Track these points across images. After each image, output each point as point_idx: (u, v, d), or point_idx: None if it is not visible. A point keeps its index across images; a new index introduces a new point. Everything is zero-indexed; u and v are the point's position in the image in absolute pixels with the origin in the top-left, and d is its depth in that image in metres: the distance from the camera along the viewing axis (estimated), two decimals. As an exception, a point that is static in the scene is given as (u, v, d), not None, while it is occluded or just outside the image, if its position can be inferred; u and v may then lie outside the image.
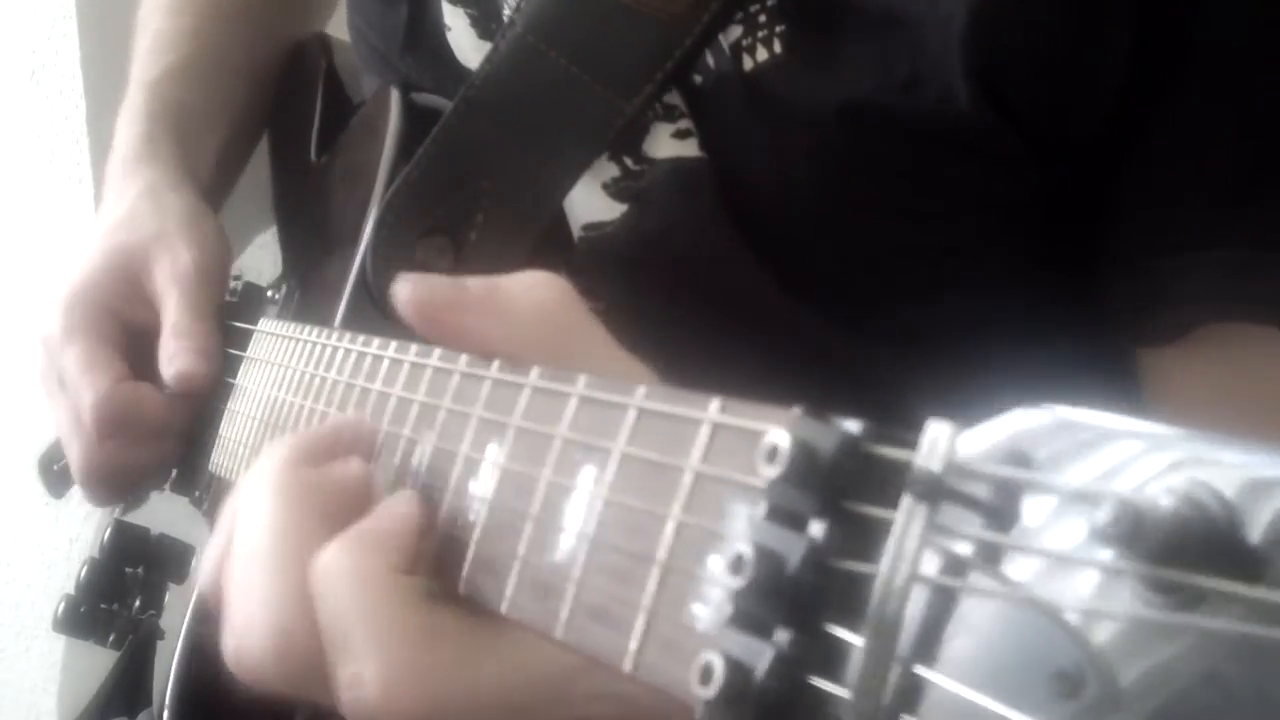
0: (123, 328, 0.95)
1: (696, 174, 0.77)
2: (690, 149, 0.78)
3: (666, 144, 0.78)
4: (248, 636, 0.50)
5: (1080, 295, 0.77)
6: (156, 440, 0.93)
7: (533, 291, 0.53)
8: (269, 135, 1.13)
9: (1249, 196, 0.68)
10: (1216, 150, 0.68)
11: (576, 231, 0.81)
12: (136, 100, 1.05)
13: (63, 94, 1.50)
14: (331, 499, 0.52)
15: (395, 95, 0.88)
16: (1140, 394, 0.75)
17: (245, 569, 0.51)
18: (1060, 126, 0.70)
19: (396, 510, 0.52)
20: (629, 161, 0.79)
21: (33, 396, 1.02)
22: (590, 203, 0.80)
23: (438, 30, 0.88)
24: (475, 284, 0.53)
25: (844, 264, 0.77)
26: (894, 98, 0.71)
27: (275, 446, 0.56)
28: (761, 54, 0.74)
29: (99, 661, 1.05)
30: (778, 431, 0.33)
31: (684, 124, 0.78)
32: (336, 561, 0.48)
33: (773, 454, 0.33)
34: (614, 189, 0.79)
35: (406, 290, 0.54)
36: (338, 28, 1.13)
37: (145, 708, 0.99)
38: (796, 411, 0.34)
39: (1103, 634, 0.27)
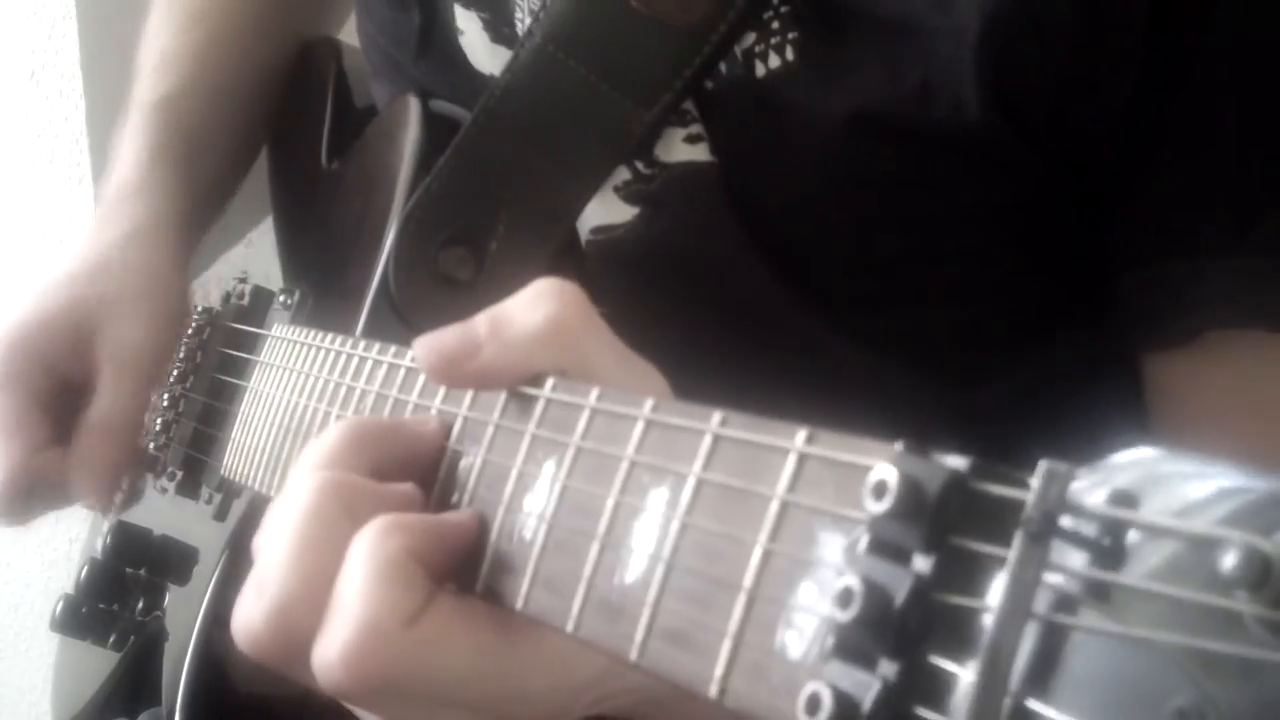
0: (59, 382, 0.96)
1: (707, 178, 0.78)
2: (701, 153, 0.78)
3: (678, 148, 0.79)
4: (253, 604, 0.51)
5: (1086, 301, 0.78)
6: (66, 498, 0.96)
7: (539, 306, 0.53)
8: (270, 136, 1.13)
9: (1263, 204, 0.69)
10: (1230, 158, 0.69)
11: (584, 234, 0.81)
12: (137, 123, 1.05)
13: (63, 94, 1.49)
14: (374, 498, 0.52)
15: (415, 104, 0.88)
16: (1139, 398, 0.76)
17: (269, 546, 0.52)
18: (1071, 137, 0.71)
19: (449, 516, 0.53)
20: (640, 165, 0.80)
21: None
22: (600, 206, 0.80)
23: (451, 35, 0.88)
24: (482, 321, 0.53)
25: (851, 269, 0.78)
26: (904, 107, 0.72)
27: (336, 435, 0.56)
28: (774, 60, 0.75)
29: (94, 661, 1.05)
30: (885, 467, 0.34)
31: (695, 129, 0.78)
32: (363, 537, 0.49)
33: (881, 490, 0.33)
34: (625, 192, 0.80)
35: (420, 355, 0.54)
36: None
37: (146, 708, 0.99)
38: (898, 446, 0.34)
39: (1221, 675, 0.28)
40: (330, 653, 0.47)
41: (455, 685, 0.49)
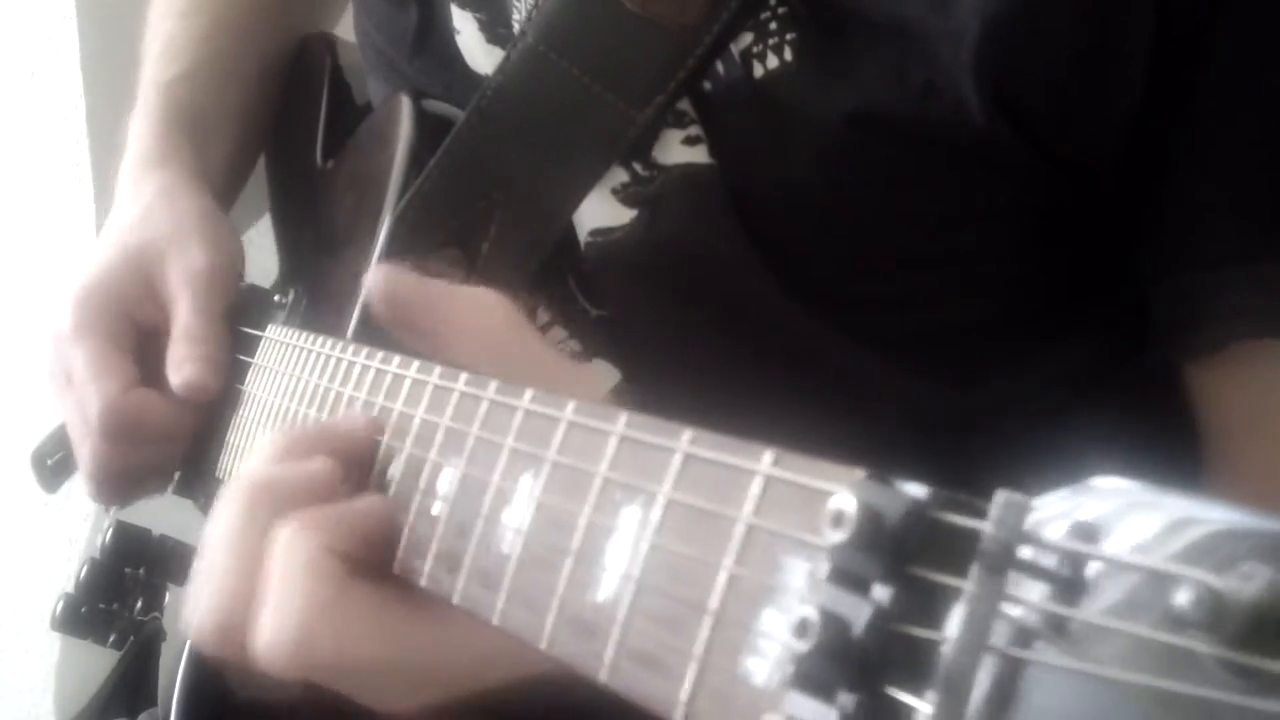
0: (134, 328, 0.94)
1: (706, 180, 0.78)
2: (700, 155, 0.78)
3: (676, 150, 0.78)
4: (196, 604, 0.57)
5: (1090, 304, 0.77)
6: (164, 443, 0.93)
7: (479, 312, 0.60)
8: (268, 133, 1.12)
9: None
10: (1249, 165, 0.69)
11: (583, 237, 0.81)
12: (151, 102, 1.04)
13: (63, 94, 1.49)
14: (290, 493, 0.57)
15: (407, 103, 0.87)
16: (1141, 403, 0.75)
17: (205, 550, 0.58)
18: (1075, 141, 0.71)
19: (355, 504, 0.58)
20: (638, 167, 0.79)
21: (31, 395, 1.02)
22: (598, 208, 0.80)
23: (447, 34, 0.88)
24: (437, 294, 0.61)
25: (851, 271, 0.77)
26: (906, 107, 0.71)
27: (263, 439, 0.63)
28: (772, 61, 0.74)
29: (95, 661, 1.05)
30: (844, 496, 0.33)
31: (693, 130, 0.78)
32: (281, 539, 0.55)
33: (839, 519, 0.33)
34: (623, 194, 0.79)
35: (379, 281, 0.61)
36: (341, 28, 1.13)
37: (146, 708, 0.99)
38: (859, 474, 0.34)
39: (1179, 714, 0.28)
40: (261, 644, 0.54)
41: (373, 662, 0.55)
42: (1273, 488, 0.70)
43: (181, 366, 0.90)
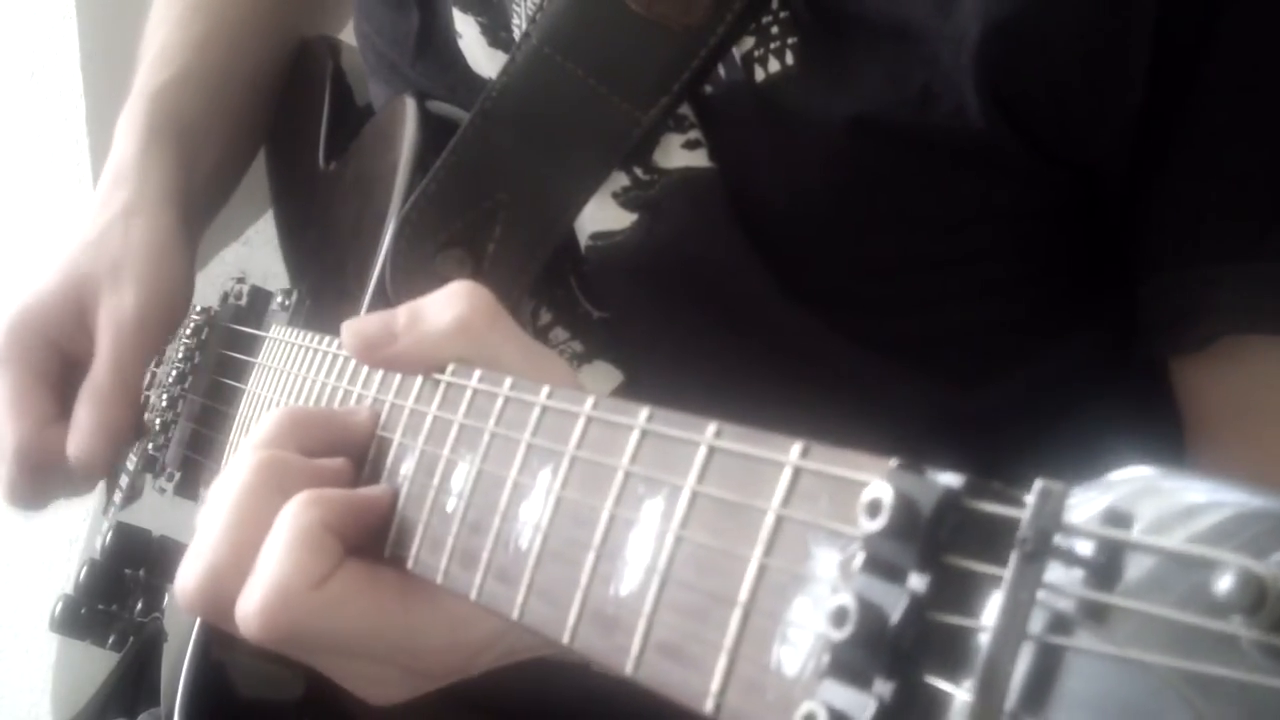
0: (61, 358, 0.96)
1: (707, 184, 0.78)
2: (700, 159, 0.78)
3: (676, 154, 0.78)
4: (189, 566, 0.58)
5: (1092, 305, 0.77)
6: (77, 475, 0.96)
7: (450, 306, 0.60)
8: (269, 135, 1.12)
9: (1276, 210, 0.69)
10: (1244, 164, 0.69)
11: (584, 240, 0.81)
12: (136, 110, 1.04)
13: (63, 94, 1.49)
14: (301, 474, 0.59)
15: (411, 104, 0.87)
16: (1144, 403, 0.76)
17: (205, 511, 0.59)
18: (1077, 143, 0.71)
19: (365, 491, 0.59)
20: (639, 171, 0.79)
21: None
22: (599, 212, 0.80)
23: (449, 38, 0.88)
24: (402, 313, 0.61)
25: (852, 274, 0.77)
26: (906, 111, 0.71)
27: (272, 419, 0.62)
28: (773, 65, 0.75)
29: (92, 662, 1.05)
30: (880, 485, 0.33)
31: (694, 134, 0.78)
32: (286, 510, 0.56)
33: (875, 508, 0.33)
34: (623, 198, 0.80)
35: (345, 337, 0.62)
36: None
37: (146, 709, 0.99)
38: (892, 463, 0.34)
39: (1216, 697, 0.28)
40: (246, 607, 0.55)
41: (356, 640, 0.56)
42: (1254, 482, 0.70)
43: (73, 436, 0.93)
